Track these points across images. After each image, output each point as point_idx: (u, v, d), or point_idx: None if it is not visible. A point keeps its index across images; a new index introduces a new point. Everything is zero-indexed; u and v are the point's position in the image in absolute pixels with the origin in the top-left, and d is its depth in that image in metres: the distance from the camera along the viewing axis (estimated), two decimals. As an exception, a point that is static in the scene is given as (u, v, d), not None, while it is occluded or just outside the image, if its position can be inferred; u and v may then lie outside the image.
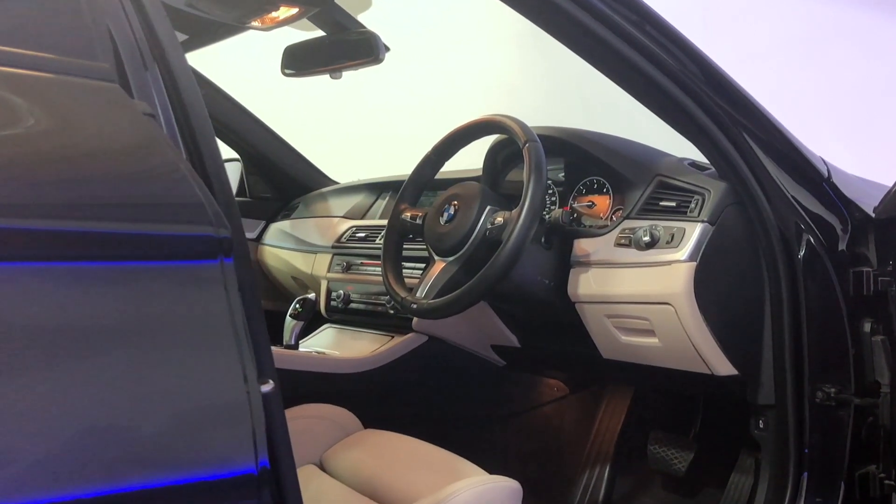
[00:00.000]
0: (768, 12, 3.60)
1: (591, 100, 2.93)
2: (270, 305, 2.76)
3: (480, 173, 1.93)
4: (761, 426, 1.62)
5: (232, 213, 0.86)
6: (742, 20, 3.62)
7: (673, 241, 1.52)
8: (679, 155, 1.76)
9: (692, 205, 1.55)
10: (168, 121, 0.82)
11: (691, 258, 1.49)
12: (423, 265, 1.97)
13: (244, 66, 3.16)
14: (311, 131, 3.24)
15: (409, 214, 1.80)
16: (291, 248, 2.56)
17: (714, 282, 1.51)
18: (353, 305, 2.20)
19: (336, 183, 2.82)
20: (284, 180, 2.83)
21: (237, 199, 2.84)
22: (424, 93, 3.59)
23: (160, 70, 0.89)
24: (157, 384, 0.68)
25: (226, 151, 2.86)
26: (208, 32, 2.26)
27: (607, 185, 1.77)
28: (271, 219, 2.81)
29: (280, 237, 2.67)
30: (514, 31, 3.32)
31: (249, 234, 2.79)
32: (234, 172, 2.91)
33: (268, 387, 0.84)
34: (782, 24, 3.60)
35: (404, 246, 1.85)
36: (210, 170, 0.88)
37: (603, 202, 1.78)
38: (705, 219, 1.51)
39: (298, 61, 2.10)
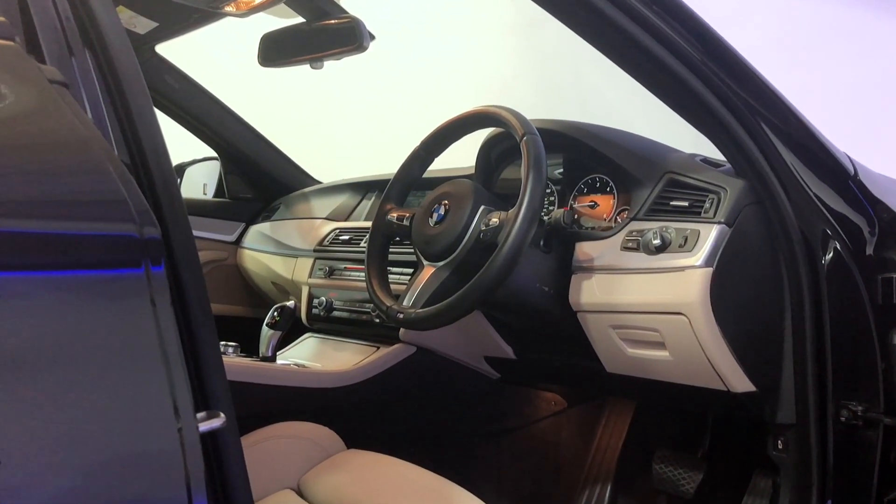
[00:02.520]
0: (764, 10, 3.50)
1: (589, 94, 2.79)
2: (250, 312, 2.66)
3: (472, 171, 1.80)
4: (780, 447, 1.49)
5: (176, 213, 0.72)
6: (738, 18, 3.51)
7: (686, 244, 1.38)
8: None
9: (707, 204, 1.41)
10: (94, 100, 0.68)
11: (707, 263, 1.35)
12: (410, 270, 1.84)
13: (220, 57, 3.02)
14: (291, 127, 3.10)
15: (395, 215, 1.66)
16: (271, 251, 2.43)
17: (731, 290, 1.38)
18: (335, 313, 2.07)
19: (319, 182, 2.68)
20: (265, 180, 2.71)
21: (215, 199, 2.73)
22: (410, 85, 3.44)
23: (92, 42, 0.74)
24: (59, 425, 0.53)
25: (204, 150, 2.75)
26: (181, 20, 2.14)
27: (611, 183, 1.64)
28: (251, 220, 2.69)
29: (260, 240, 2.54)
30: (507, 20, 3.18)
31: (228, 237, 2.67)
32: (212, 171, 2.81)
33: (218, 421, 0.70)
34: (779, 22, 3.50)
35: (390, 249, 1.71)
36: (152, 164, 0.74)
37: (606, 202, 1.64)
38: (722, 220, 1.38)
39: (276, 50, 1.97)
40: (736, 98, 1.33)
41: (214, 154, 2.74)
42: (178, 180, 2.99)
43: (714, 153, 1.55)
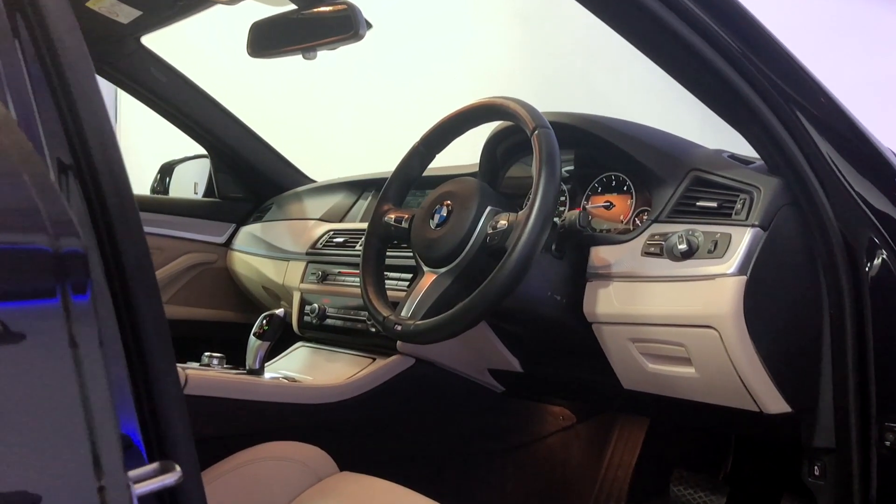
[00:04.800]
0: (769, 5, 3.38)
1: (599, 86, 2.66)
2: (240, 318, 2.55)
3: (477, 169, 1.67)
4: (817, 473, 1.35)
5: (129, 223, 0.58)
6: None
7: (716, 249, 1.25)
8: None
9: (738, 205, 1.28)
10: (16, 80, 0.54)
11: (740, 271, 1.22)
12: (409, 275, 1.71)
13: (209, 48, 2.89)
14: (282, 123, 2.98)
15: (393, 216, 1.52)
16: (262, 254, 2.30)
17: (766, 300, 1.24)
18: (329, 321, 1.93)
19: (314, 181, 2.56)
20: (257, 178, 2.59)
21: (204, 199, 2.63)
22: (409, 77, 3.30)
23: (22, 5, 0.61)
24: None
25: (193, 147, 2.65)
26: (166, 8, 2.02)
27: (628, 181, 1.51)
28: (242, 221, 2.58)
29: (250, 242, 2.42)
30: (509, 9, 3.04)
31: (218, 239, 2.56)
32: (202, 170, 2.70)
33: (172, 476, 0.56)
34: (783, 19, 3.38)
35: (388, 253, 1.58)
36: (98, 163, 0.61)
37: (623, 203, 1.51)
38: (756, 222, 1.24)
39: (267, 40, 1.85)
40: (769, 84, 1.20)
41: (204, 152, 2.63)
42: (168, 179, 2.88)
43: (737, 149, 1.44)
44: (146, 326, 0.59)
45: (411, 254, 1.49)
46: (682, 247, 1.27)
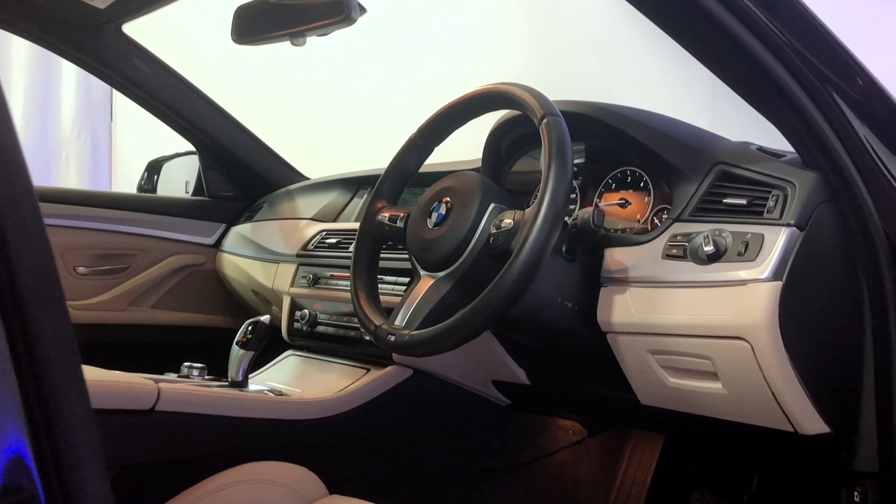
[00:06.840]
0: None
1: (614, 78, 2.54)
2: (230, 322, 2.43)
3: (479, 164, 1.56)
4: (857, 499, 1.22)
5: (27, 229, 0.46)
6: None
7: (747, 251, 1.12)
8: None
9: (770, 202, 1.15)
10: None
11: (775, 276, 1.09)
12: (406, 279, 1.60)
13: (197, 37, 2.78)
14: (269, 118, 2.86)
15: (387, 215, 1.40)
16: (251, 256, 2.19)
17: (804, 309, 1.12)
18: (320, 328, 1.81)
19: (308, 179, 2.44)
20: (248, 176, 2.47)
21: (193, 198, 2.52)
22: (407, 66, 3.17)
23: None
24: None
25: (182, 144, 2.53)
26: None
27: (645, 177, 1.38)
28: (232, 221, 2.46)
29: (240, 243, 2.31)
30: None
31: (207, 240, 2.44)
32: (192, 167, 2.58)
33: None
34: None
35: (382, 255, 1.46)
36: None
37: (639, 200, 1.39)
38: (791, 221, 1.11)
39: (252, 25, 1.74)
40: (804, 64, 1.08)
41: (192, 148, 2.52)
42: (156, 177, 2.76)
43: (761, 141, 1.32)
44: (48, 353, 0.46)
45: (407, 256, 1.37)
46: (709, 248, 1.15)
